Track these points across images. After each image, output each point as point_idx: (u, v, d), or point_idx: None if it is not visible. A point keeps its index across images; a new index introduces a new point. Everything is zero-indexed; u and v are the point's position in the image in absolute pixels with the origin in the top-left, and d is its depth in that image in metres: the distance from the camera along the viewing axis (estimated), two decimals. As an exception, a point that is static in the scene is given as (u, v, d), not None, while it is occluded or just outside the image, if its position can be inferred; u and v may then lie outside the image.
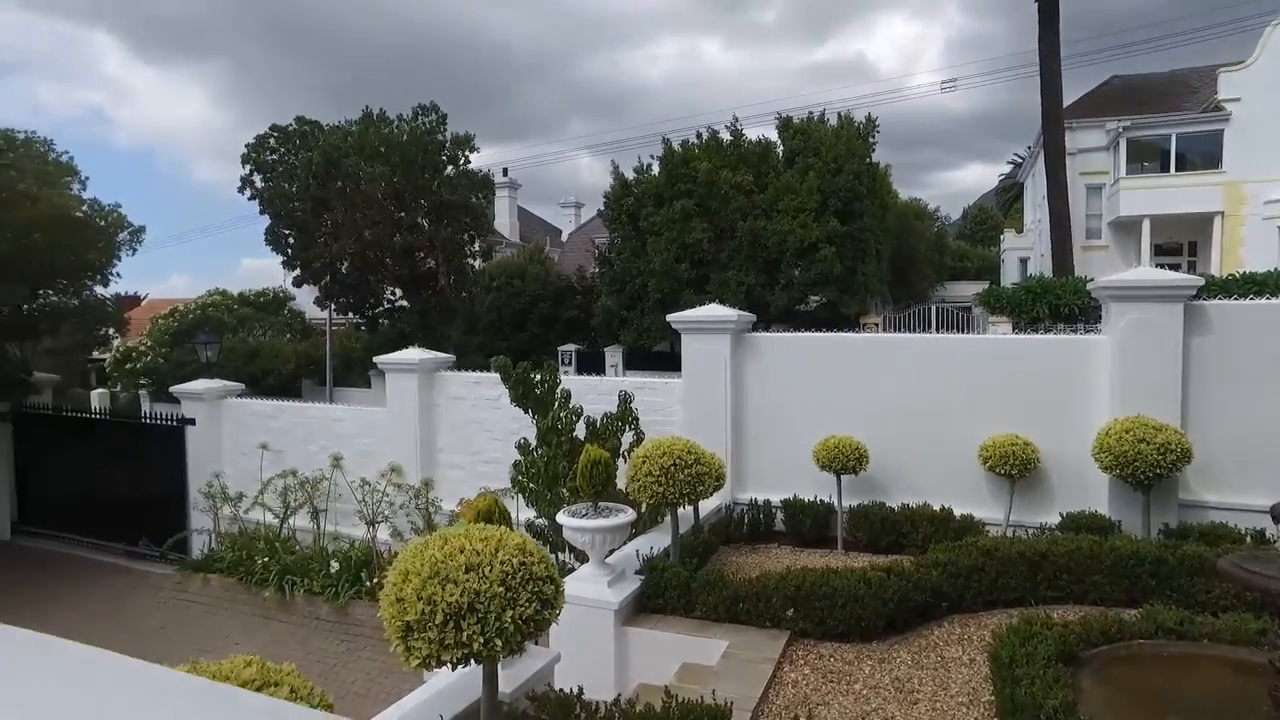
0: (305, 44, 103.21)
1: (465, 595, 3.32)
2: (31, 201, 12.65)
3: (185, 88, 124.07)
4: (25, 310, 13.78)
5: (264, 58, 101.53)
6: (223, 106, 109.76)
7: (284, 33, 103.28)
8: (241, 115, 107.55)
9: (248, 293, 34.75)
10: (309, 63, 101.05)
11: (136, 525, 13.37)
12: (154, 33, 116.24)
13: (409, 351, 11.14)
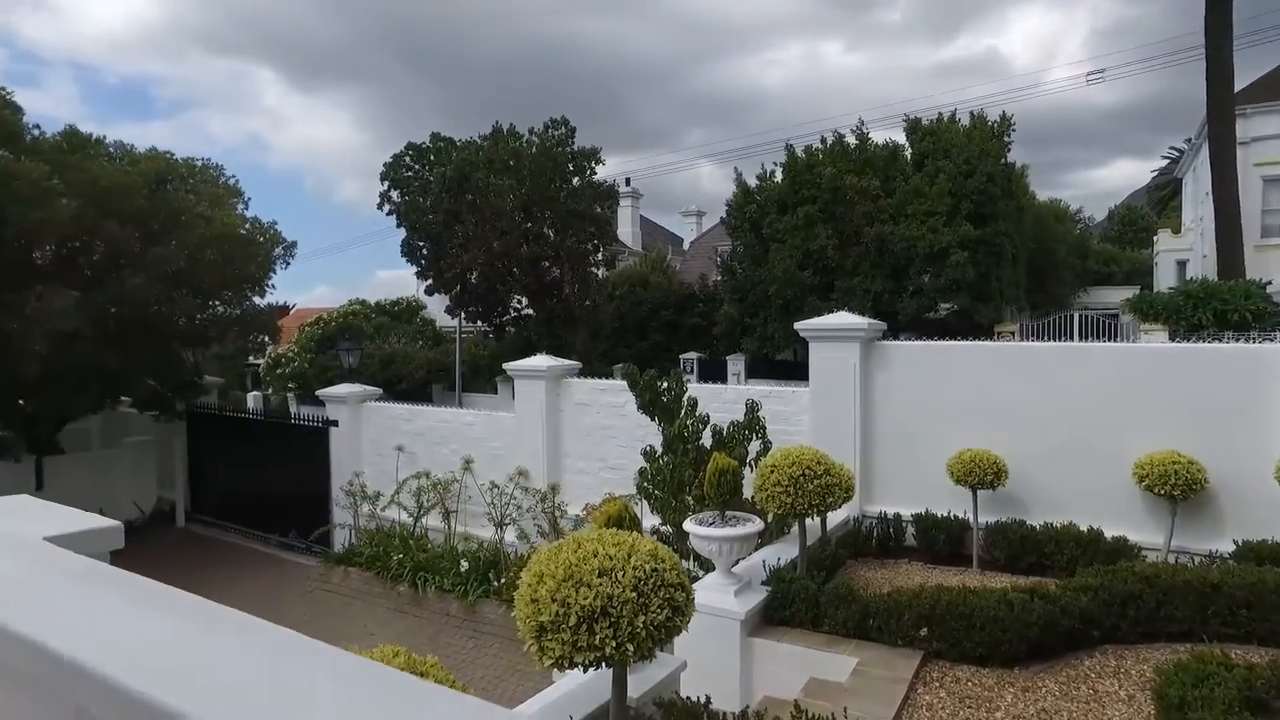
0: (435, 66, 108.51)
1: (598, 599, 3.36)
2: (206, 222, 13.85)
3: (331, 113, 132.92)
4: (198, 320, 15.07)
5: (399, 81, 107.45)
6: (363, 128, 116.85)
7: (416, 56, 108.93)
8: (378, 136, 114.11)
9: (384, 302, 36.72)
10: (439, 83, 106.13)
11: (287, 518, 14.35)
12: (307, 64, 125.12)
13: (537, 359, 11.45)
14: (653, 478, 7.88)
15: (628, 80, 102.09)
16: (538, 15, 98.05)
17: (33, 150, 12.89)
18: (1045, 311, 26.37)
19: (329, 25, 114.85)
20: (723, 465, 5.85)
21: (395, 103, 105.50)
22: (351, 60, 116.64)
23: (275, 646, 1.28)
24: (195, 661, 1.26)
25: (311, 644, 1.26)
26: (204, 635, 1.36)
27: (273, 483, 14.97)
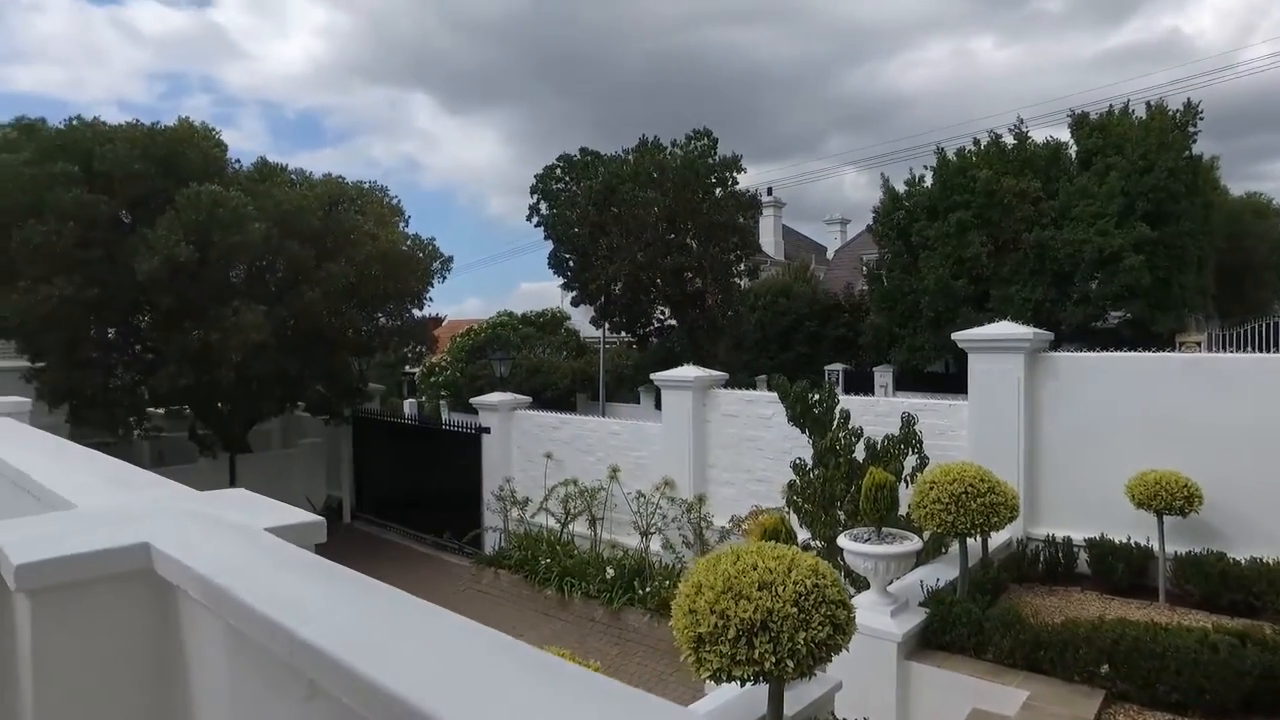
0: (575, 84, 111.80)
1: (758, 613, 3.32)
2: (372, 240, 14.88)
3: (480, 132, 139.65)
4: (364, 331, 16.19)
5: (541, 100, 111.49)
6: (510, 145, 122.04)
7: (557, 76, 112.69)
8: (524, 152, 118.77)
9: (530, 314, 38.04)
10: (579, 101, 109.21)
11: (441, 519, 15.11)
12: (457, 87, 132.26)
13: (684, 369, 11.51)
14: (802, 491, 7.72)
15: (765, 89, 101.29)
16: (673, 30, 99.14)
17: (233, 180, 14.32)
18: (1239, 319, 23.91)
19: (477, 51, 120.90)
20: (880, 480, 5.65)
21: (538, 120, 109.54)
22: (498, 82, 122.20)
23: (486, 644, 1.34)
24: (409, 648, 1.33)
25: (519, 644, 1.32)
26: (415, 623, 1.44)
27: (429, 485, 15.80)
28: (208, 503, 2.38)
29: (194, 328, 12.41)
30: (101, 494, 2.61)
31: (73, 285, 11.67)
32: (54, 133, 13.93)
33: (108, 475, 3.02)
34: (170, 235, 12.00)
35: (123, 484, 2.88)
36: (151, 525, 2.03)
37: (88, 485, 2.76)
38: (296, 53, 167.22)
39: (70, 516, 2.28)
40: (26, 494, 2.98)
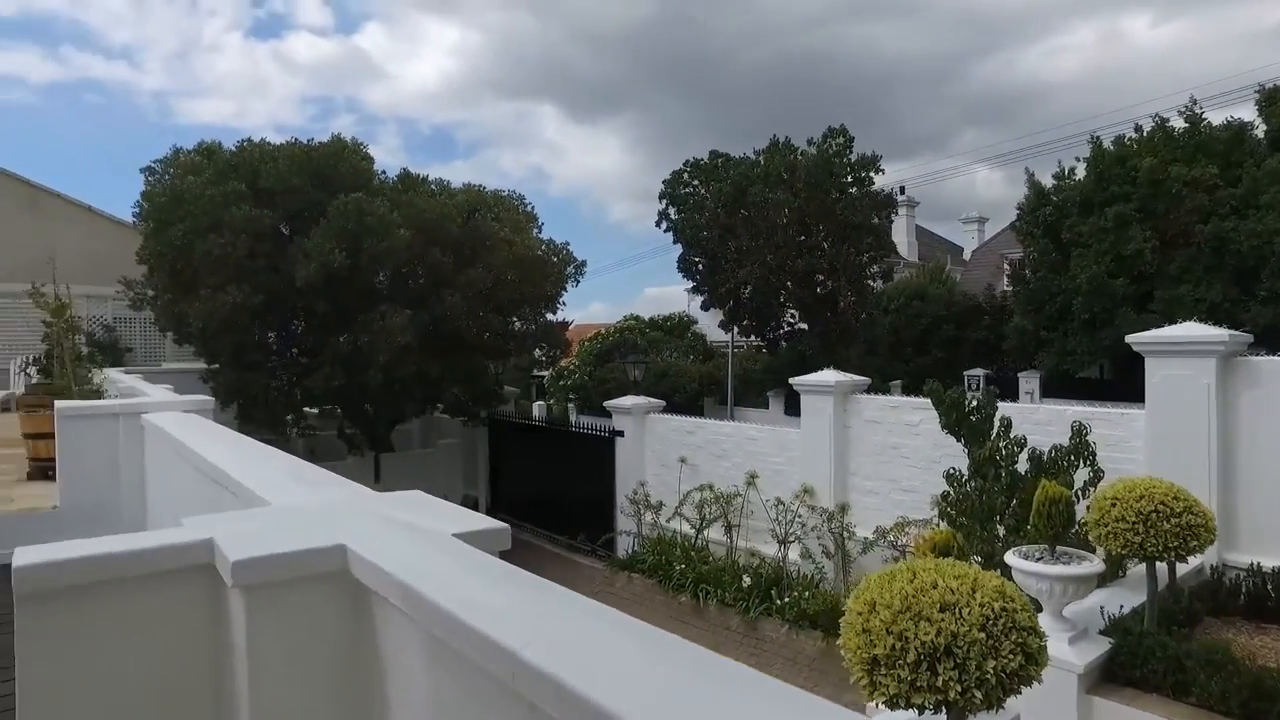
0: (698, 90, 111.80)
1: (941, 636, 3.07)
2: (509, 246, 15.28)
3: (604, 140, 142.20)
4: (500, 334, 16.65)
5: (665, 106, 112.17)
6: (633, 153, 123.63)
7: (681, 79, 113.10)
8: (646, 159, 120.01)
9: (657, 317, 38.22)
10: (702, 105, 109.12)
11: (573, 520, 15.28)
12: (583, 97, 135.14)
13: (824, 374, 11.15)
14: (957, 503, 7.26)
15: (891, 86, 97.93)
16: (797, 28, 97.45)
17: (378, 191, 15.05)
18: None
19: (601, 61, 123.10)
20: (1054, 494, 5.20)
21: (660, 126, 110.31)
22: (621, 90, 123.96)
23: (706, 668, 1.24)
24: (631, 671, 1.22)
25: (732, 664, 1.23)
26: (626, 642, 1.33)
27: (562, 486, 16.02)
28: (391, 504, 2.38)
29: (345, 332, 13.10)
30: (290, 491, 2.67)
31: (242, 293, 12.57)
32: (228, 154, 15.09)
33: (291, 472, 3.10)
34: (325, 243, 12.71)
35: (305, 481, 2.95)
36: (345, 526, 2.02)
37: (276, 482, 2.84)
38: (431, 71, 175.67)
39: (268, 514, 2.32)
40: (225, 490, 3.11)
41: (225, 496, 3.08)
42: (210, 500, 3.35)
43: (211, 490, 3.35)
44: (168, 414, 5.84)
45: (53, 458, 7.68)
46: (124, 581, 1.86)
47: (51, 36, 65.79)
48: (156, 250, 13.34)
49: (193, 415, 5.87)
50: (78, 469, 5.91)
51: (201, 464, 3.47)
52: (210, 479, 3.38)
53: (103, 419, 5.94)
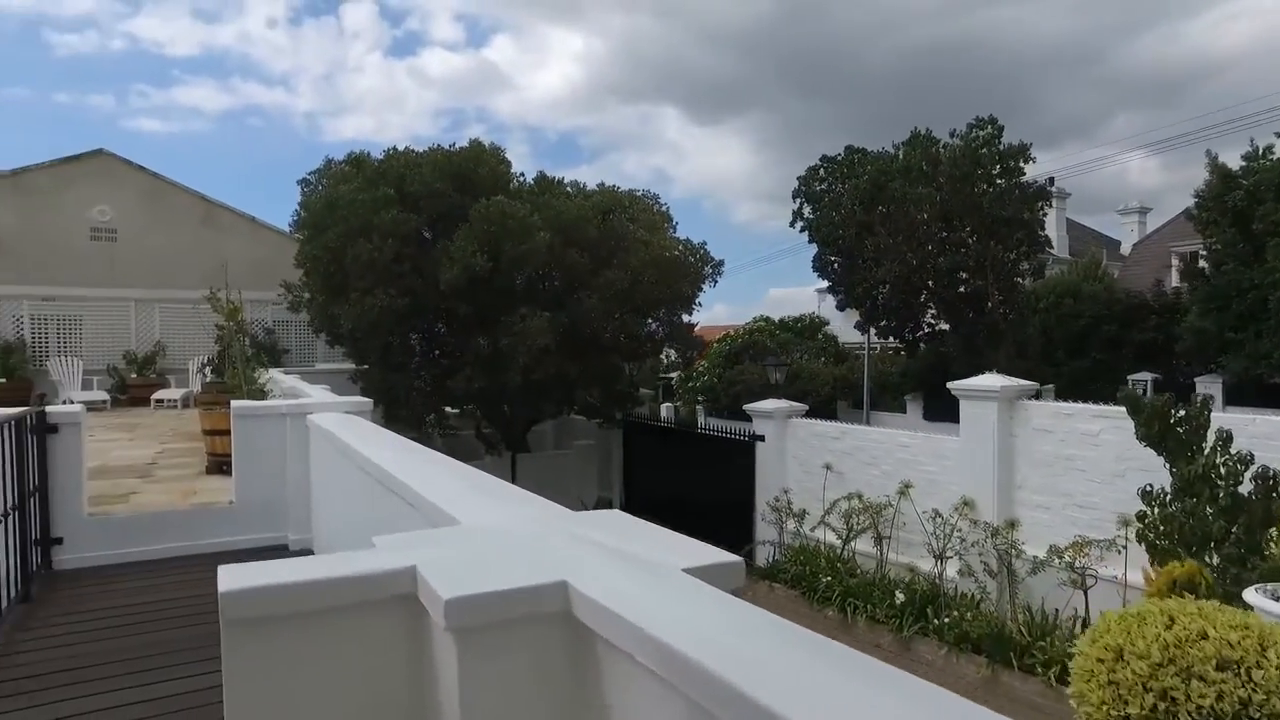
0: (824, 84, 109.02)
1: (1226, 703, 2.55)
2: (645, 246, 15.14)
3: (727, 140, 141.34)
4: (636, 336, 16.55)
5: (790, 104, 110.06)
6: (756, 153, 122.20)
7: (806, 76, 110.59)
8: (770, 158, 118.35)
9: (787, 319, 37.39)
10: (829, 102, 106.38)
11: (709, 526, 14.90)
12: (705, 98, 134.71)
13: (987, 377, 10.35)
14: (1158, 526, 6.45)
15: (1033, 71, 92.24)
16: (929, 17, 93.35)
17: (516, 194, 15.25)
18: None
19: (724, 61, 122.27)
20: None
21: (785, 125, 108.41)
22: (745, 90, 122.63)
23: None
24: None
25: None
26: None
27: (698, 491, 15.71)
28: (592, 526, 2.12)
29: (485, 334, 13.30)
30: (476, 506, 2.46)
31: (389, 295, 12.98)
32: (376, 163, 15.69)
33: (472, 483, 2.92)
34: (467, 246, 12.94)
35: (489, 494, 2.75)
36: (557, 556, 1.77)
37: (458, 495, 2.65)
38: (556, 79, 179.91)
39: (463, 536, 2.11)
40: (400, 500, 2.96)
41: (401, 508, 2.93)
42: (385, 509, 3.23)
43: (387, 499, 3.23)
44: (330, 415, 5.91)
45: (228, 453, 8.05)
46: (325, 611, 1.68)
47: (224, 70, 74.51)
48: (312, 255, 13.99)
49: (352, 416, 5.92)
50: (250, 467, 6.08)
51: (378, 472, 3.36)
52: (384, 486, 3.26)
53: (272, 419, 6.09)
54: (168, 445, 10.66)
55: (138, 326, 18.22)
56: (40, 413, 5.37)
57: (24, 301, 17.51)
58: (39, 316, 17.64)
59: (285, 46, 74.53)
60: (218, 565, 1.76)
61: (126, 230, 20.16)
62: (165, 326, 18.39)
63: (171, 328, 18.43)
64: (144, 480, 7.81)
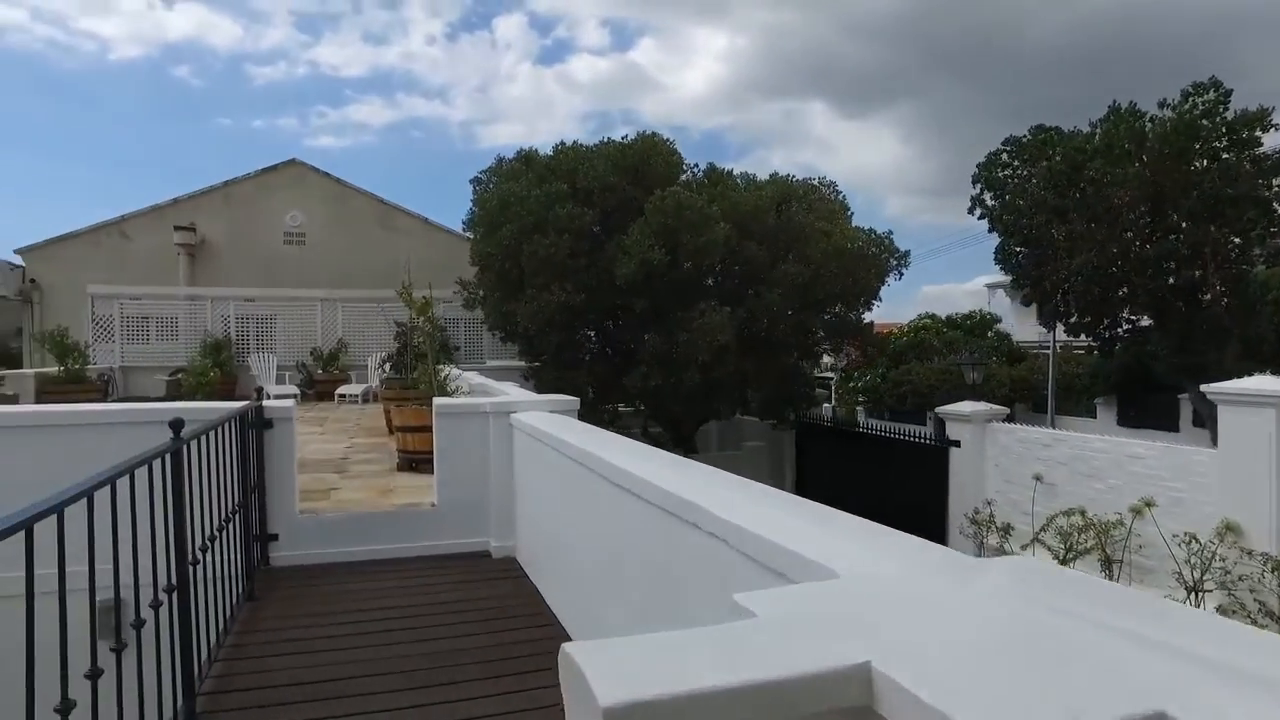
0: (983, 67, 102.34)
1: None
2: (825, 237, 14.24)
3: (877, 132, 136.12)
4: (814, 332, 15.66)
5: (944, 92, 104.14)
6: (906, 144, 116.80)
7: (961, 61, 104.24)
8: (923, 149, 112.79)
9: (955, 315, 35.09)
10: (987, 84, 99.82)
11: (892, 538, 13.79)
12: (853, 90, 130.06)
13: (1257, 380, 8.81)
14: None
15: (1235, 33, 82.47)
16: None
17: (687, 186, 14.71)
18: None
19: (872, 52, 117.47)
20: None
21: (938, 115, 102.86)
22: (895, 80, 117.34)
23: None
24: None
25: None
26: None
27: (879, 499, 14.60)
28: (1042, 588, 1.43)
29: (661, 330, 12.82)
30: (840, 548, 1.83)
31: (565, 291, 12.75)
32: (545, 159, 15.60)
33: (802, 511, 2.30)
34: (643, 240, 12.51)
35: (820, 520, 2.12)
36: (1128, 668, 1.10)
37: (793, 528, 2.03)
38: (700, 78, 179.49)
39: (867, 598, 1.46)
40: (684, 523, 2.38)
41: (696, 540, 2.35)
42: (654, 538, 2.68)
43: (658, 525, 2.67)
44: (537, 414, 5.52)
45: (420, 450, 7.94)
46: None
47: (389, 87, 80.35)
48: (486, 252, 14.01)
49: (562, 417, 5.51)
50: (452, 467, 5.80)
51: (651, 491, 2.81)
52: (658, 508, 2.70)
53: (475, 417, 5.78)
54: (355, 440, 10.85)
55: (323, 324, 19.13)
56: (259, 408, 5.27)
57: (230, 302, 18.75)
58: (241, 316, 18.84)
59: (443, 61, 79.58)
60: (425, 569, 1.18)
61: (314, 234, 21.31)
62: (347, 324, 19.21)
63: (352, 325, 19.23)
64: (341, 476, 7.80)
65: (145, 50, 64.84)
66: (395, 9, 72.99)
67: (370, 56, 74.28)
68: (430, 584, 5.25)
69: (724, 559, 2.15)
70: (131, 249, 20.40)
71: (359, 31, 73.77)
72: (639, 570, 3.18)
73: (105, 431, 5.03)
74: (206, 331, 18.25)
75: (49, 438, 5.08)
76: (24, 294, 20.19)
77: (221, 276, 20.10)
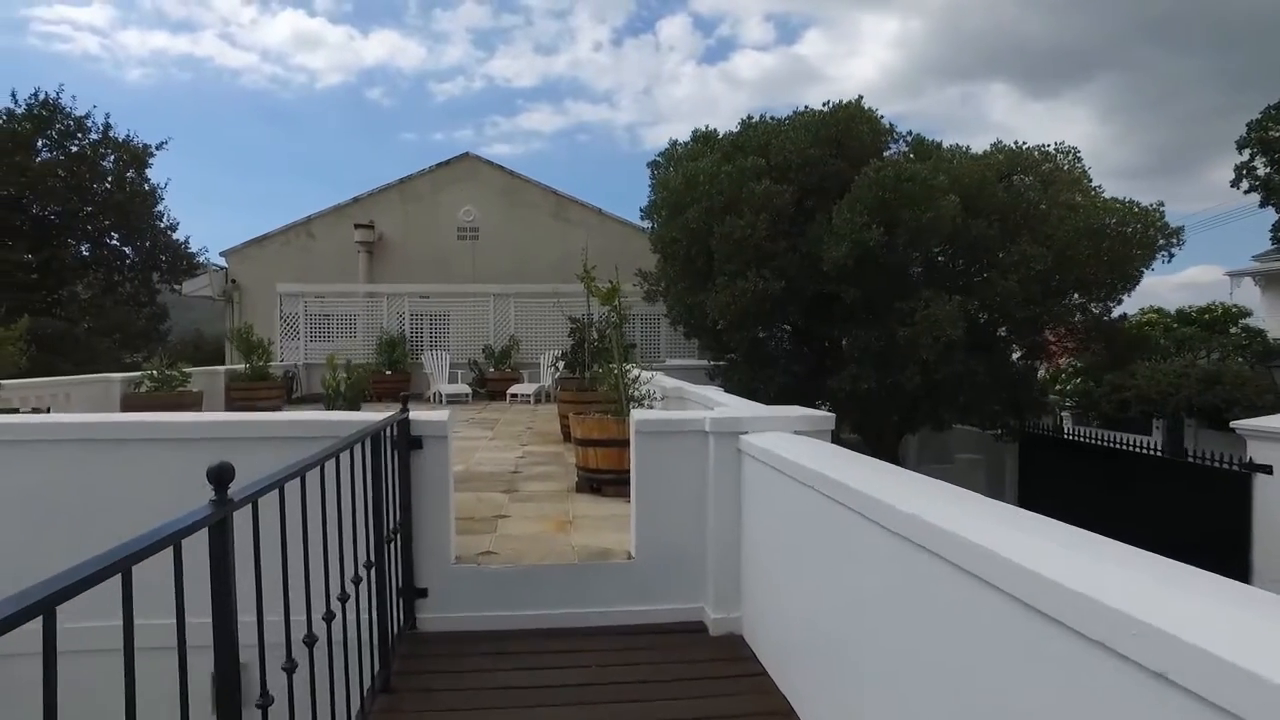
0: (1193, 33, 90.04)
1: None
2: (1071, 211, 11.70)
3: (1069, 112, 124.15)
4: (1052, 326, 13.07)
5: (1151, 62, 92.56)
6: (1104, 123, 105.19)
7: (1168, 28, 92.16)
8: (1124, 128, 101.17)
9: (1188, 308, 30.28)
10: (1205, 51, 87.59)
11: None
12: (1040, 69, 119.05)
13: None
14: None
15: None
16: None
17: (888, 161, 12.58)
18: None
19: (1065, 26, 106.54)
20: None
21: (1144, 89, 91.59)
22: (1092, 55, 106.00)
23: None
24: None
25: None
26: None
27: (1141, 533, 11.82)
28: None
29: (874, 323, 10.83)
30: None
31: (763, 279, 11.02)
32: (731, 136, 13.98)
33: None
34: (854, 218, 10.57)
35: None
36: None
37: None
38: (870, 67, 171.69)
39: None
40: None
41: None
42: None
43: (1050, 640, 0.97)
44: (776, 437, 3.89)
45: (604, 469, 6.54)
46: None
47: (558, 95, 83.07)
48: (670, 238, 12.53)
49: (812, 441, 3.85)
50: (655, 505, 4.26)
51: (1042, 592, 1.14)
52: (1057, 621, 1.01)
53: (689, 438, 4.21)
54: (528, 448, 9.68)
55: (495, 320, 18.50)
56: (404, 422, 3.96)
57: (405, 298, 18.51)
58: (416, 313, 18.56)
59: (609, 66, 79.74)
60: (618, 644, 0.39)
61: (487, 227, 20.84)
62: (519, 320, 18.48)
63: (524, 321, 18.47)
64: (511, 498, 6.52)
65: (345, 77, 72.14)
66: (563, 18, 75.49)
67: (540, 66, 77.27)
68: (624, 667, 3.76)
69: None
70: (317, 248, 20.72)
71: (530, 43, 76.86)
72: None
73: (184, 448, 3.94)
74: (382, 329, 18.05)
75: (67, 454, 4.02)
76: (226, 294, 21.00)
77: (398, 273, 20.00)
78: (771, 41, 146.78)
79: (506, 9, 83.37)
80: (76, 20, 52.92)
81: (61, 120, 23.94)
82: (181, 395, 10.88)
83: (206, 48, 60.05)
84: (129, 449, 4.04)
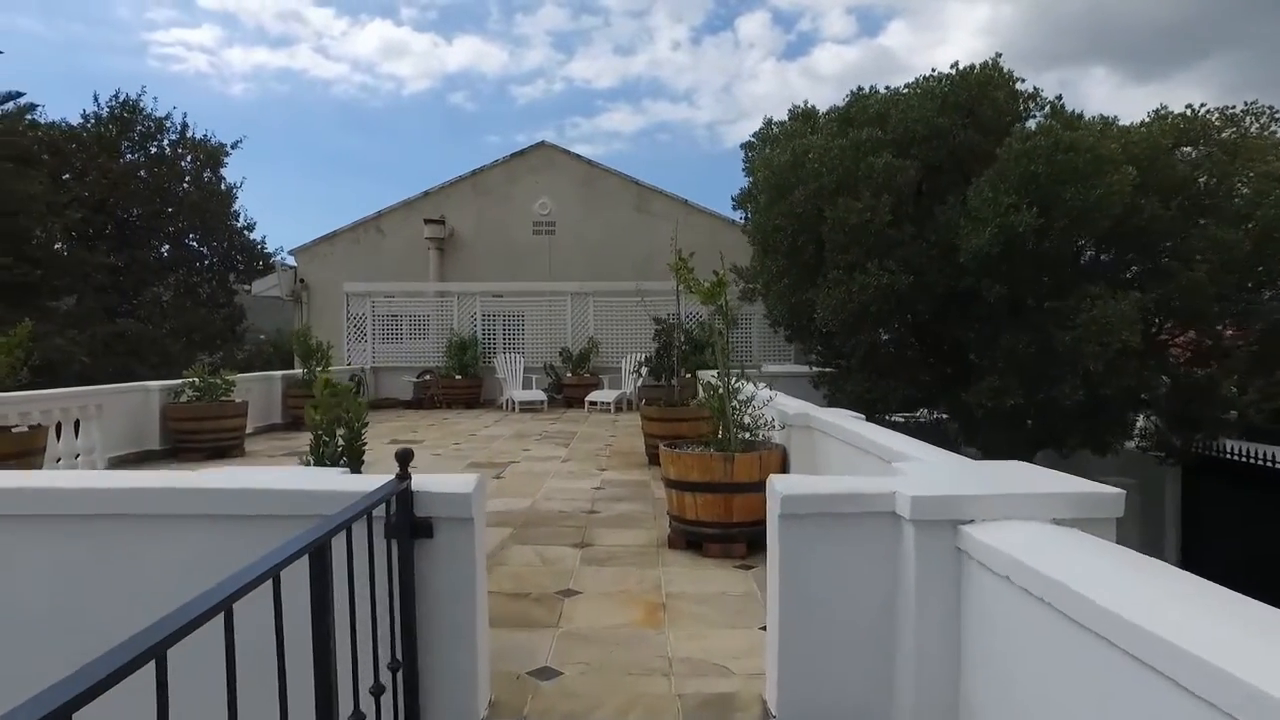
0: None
1: None
2: (1275, 183, 9.47)
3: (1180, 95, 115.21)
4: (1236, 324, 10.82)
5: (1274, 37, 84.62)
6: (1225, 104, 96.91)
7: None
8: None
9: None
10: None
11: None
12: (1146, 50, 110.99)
13: None
14: None
15: None
16: None
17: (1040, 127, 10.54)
18: None
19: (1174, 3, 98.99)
20: None
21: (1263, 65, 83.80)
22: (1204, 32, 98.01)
23: None
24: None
25: None
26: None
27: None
28: None
29: (1027, 324, 8.89)
30: None
31: (887, 271, 9.20)
32: (838, 110, 12.22)
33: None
34: (998, 198, 8.67)
35: None
36: None
37: None
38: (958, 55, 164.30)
39: None
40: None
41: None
42: None
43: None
44: (1025, 530, 2.23)
45: (706, 522, 4.97)
46: None
47: (637, 94, 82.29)
48: (771, 226, 10.79)
49: (1084, 538, 2.19)
50: (810, 635, 2.63)
51: None
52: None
53: (864, 522, 2.56)
54: (606, 474, 8.16)
55: (573, 321, 17.12)
56: (404, 495, 2.45)
57: (477, 298, 17.34)
58: (488, 314, 17.36)
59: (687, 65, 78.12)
60: None
61: (564, 221, 19.48)
62: (598, 321, 17.05)
63: (604, 322, 17.03)
64: (583, 555, 5.01)
65: (430, 83, 73.80)
66: (641, 18, 74.58)
67: (620, 67, 76.58)
68: None
69: None
70: (386, 245, 19.77)
71: (609, 44, 76.28)
72: None
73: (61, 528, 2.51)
74: (453, 330, 16.90)
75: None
76: (294, 294, 20.29)
77: (470, 271, 18.85)
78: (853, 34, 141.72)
79: (586, 10, 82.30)
80: (189, 41, 55.06)
81: (142, 121, 23.81)
82: (224, 405, 9.81)
83: (302, 60, 62.65)
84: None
